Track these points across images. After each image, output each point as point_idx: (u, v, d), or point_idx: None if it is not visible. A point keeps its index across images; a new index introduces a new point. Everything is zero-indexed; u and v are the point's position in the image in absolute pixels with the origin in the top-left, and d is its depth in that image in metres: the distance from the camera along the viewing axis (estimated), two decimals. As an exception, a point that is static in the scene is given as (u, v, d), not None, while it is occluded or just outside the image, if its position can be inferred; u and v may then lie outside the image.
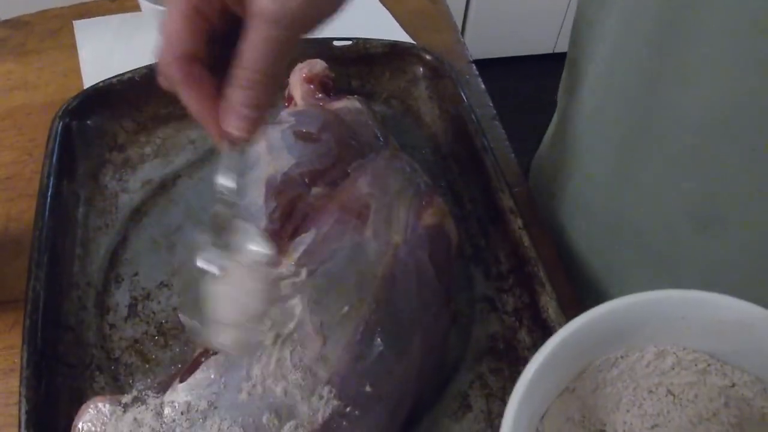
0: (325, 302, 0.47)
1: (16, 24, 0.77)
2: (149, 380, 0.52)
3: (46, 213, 0.57)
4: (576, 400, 0.41)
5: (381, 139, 0.59)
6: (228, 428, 0.44)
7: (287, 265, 0.50)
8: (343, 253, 0.50)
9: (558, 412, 0.41)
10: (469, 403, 0.51)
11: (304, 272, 0.49)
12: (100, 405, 0.48)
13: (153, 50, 0.40)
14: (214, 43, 0.40)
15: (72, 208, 0.60)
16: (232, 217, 0.44)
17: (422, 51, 0.67)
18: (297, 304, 0.47)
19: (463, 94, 0.63)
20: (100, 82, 0.65)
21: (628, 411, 0.39)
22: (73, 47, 0.75)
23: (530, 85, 2.16)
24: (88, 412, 0.47)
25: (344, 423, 0.45)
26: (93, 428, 0.46)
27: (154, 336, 0.55)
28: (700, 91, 0.43)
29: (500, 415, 0.49)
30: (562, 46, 2.22)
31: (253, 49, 0.37)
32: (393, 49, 0.67)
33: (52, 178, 0.59)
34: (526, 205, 0.61)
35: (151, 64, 0.66)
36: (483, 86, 0.67)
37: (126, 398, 0.47)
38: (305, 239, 0.51)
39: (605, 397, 0.40)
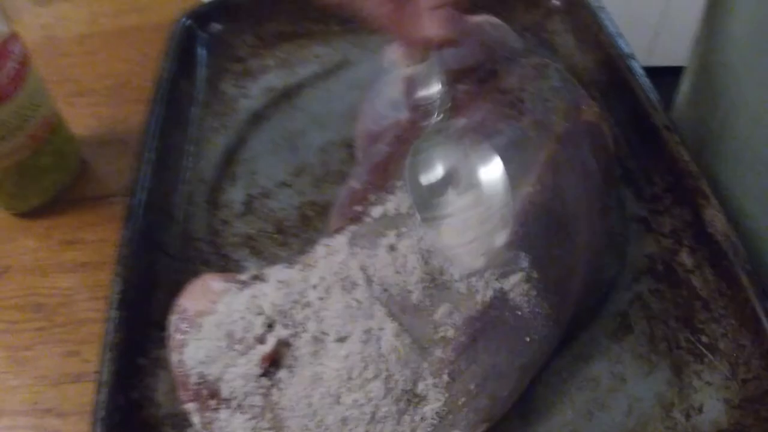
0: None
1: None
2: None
3: (159, 107, 0.51)
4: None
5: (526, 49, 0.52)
6: (372, 305, 0.36)
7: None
8: (502, 137, 0.42)
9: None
10: (630, 323, 0.42)
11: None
12: (210, 281, 0.40)
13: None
14: None
15: (187, 108, 0.54)
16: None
17: (557, -15, 0.61)
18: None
19: (603, 22, 0.56)
20: (223, -8, 0.60)
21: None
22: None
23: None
24: (195, 287, 0.40)
25: (506, 313, 0.36)
26: (200, 307, 0.38)
27: (272, 233, 0.48)
28: None
29: (664, 339, 0.41)
30: None
31: None
32: (527, -18, 0.61)
33: (168, 74, 0.53)
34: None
35: (278, -19, 0.61)
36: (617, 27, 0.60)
37: (244, 276, 0.39)
38: (456, 124, 0.43)
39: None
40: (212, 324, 0.37)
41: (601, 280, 0.44)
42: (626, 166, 0.50)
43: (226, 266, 0.46)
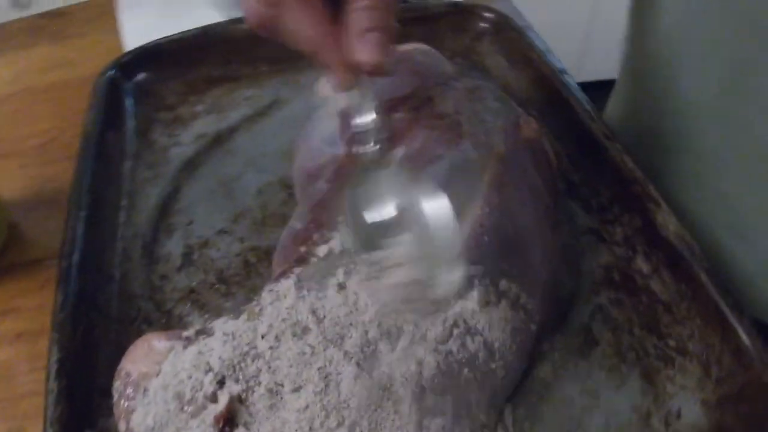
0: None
1: (53, 15, 0.70)
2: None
3: (89, 160, 0.48)
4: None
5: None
6: (326, 349, 0.33)
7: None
8: (443, 162, 0.40)
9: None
10: (594, 337, 0.40)
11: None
12: (153, 341, 0.36)
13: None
14: None
15: (117, 161, 0.51)
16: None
17: (483, 9, 0.60)
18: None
19: (532, 41, 0.56)
20: (149, 42, 0.57)
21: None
22: (114, 30, 0.67)
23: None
24: (138, 349, 0.36)
25: (468, 341, 0.34)
26: (144, 369, 0.35)
27: (215, 284, 0.44)
28: None
29: (632, 348, 0.39)
30: None
31: None
32: (453, 8, 0.61)
33: (95, 127, 0.50)
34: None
35: (202, 26, 0.58)
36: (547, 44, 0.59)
37: (189, 332, 0.36)
38: (395, 155, 0.41)
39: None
40: (159, 386, 0.33)
41: (559, 296, 0.42)
42: (570, 179, 0.49)
43: (169, 323, 0.42)
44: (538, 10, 0.69)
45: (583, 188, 0.48)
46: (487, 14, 0.60)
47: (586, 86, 0.53)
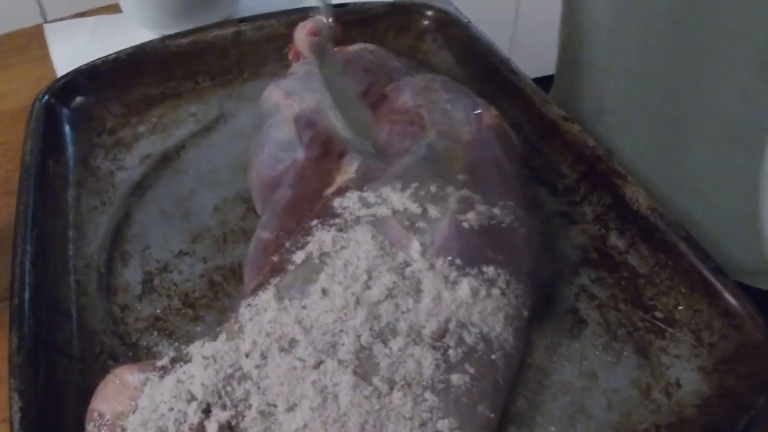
0: (408, 188, 0.35)
1: (-23, 47, 0.64)
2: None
3: (31, 192, 0.44)
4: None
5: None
6: (319, 360, 0.30)
7: (344, 180, 0.38)
8: (411, 155, 0.38)
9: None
10: (582, 317, 0.39)
11: (370, 177, 0.37)
12: (124, 375, 0.33)
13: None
14: None
15: (60, 191, 0.46)
16: None
17: (423, 7, 0.59)
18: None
19: (477, 34, 0.54)
20: (83, 65, 0.53)
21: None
22: (44, 57, 0.62)
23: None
24: (108, 386, 0.32)
25: (464, 333, 0.32)
26: (118, 407, 0.31)
27: (181, 309, 0.40)
28: None
29: (621, 324, 0.38)
30: None
31: None
32: (393, 8, 0.59)
33: (33, 157, 0.46)
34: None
35: (138, 44, 0.55)
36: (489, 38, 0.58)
37: (163, 361, 0.32)
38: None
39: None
40: (137, 424, 0.30)
41: (542, 280, 0.40)
42: (533, 165, 0.48)
43: (137, 355, 0.38)
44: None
45: (547, 172, 0.47)
46: (428, 12, 0.59)
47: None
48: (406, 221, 0.34)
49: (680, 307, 0.38)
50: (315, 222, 0.36)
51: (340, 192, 0.37)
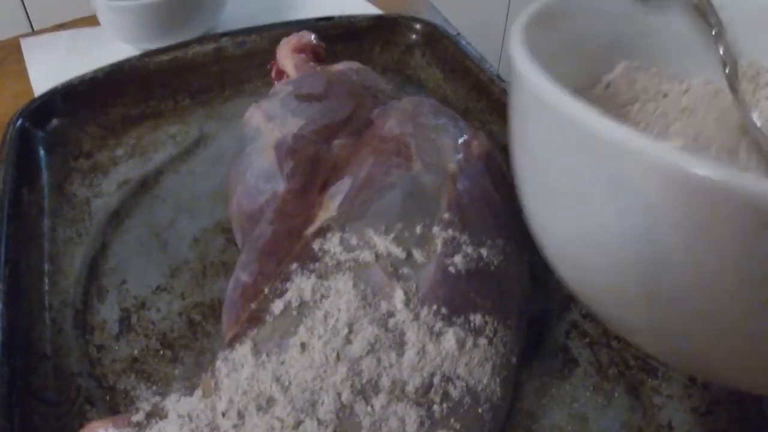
0: (392, 229, 0.33)
1: (-50, 63, 0.62)
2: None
3: (3, 223, 0.42)
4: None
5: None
6: (298, 420, 0.29)
7: (325, 217, 0.36)
8: (395, 190, 0.36)
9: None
10: (573, 356, 0.37)
11: (352, 215, 0.35)
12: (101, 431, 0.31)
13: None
14: None
15: (35, 221, 0.44)
16: None
17: (411, 20, 0.57)
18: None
19: (466, 49, 0.52)
20: (58, 85, 0.50)
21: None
22: (20, 72, 0.60)
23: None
24: (85, 445, 0.31)
25: (450, 388, 0.30)
26: (95, 466, 0.29)
27: (159, 350, 0.39)
28: None
29: (612, 363, 0.36)
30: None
31: None
32: (379, 21, 0.57)
33: (6, 185, 0.44)
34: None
35: (115, 62, 0.52)
36: (479, 51, 0.56)
37: (139, 416, 0.31)
38: (341, 186, 0.37)
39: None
40: (108, 488, 0.28)
41: (533, 317, 0.39)
42: (523, 189, 0.46)
43: (114, 399, 0.37)
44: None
45: (538, 198, 0.45)
46: (416, 25, 0.57)
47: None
48: (390, 267, 0.32)
49: (674, 347, 0.37)
50: (294, 266, 0.34)
51: (321, 232, 0.35)
